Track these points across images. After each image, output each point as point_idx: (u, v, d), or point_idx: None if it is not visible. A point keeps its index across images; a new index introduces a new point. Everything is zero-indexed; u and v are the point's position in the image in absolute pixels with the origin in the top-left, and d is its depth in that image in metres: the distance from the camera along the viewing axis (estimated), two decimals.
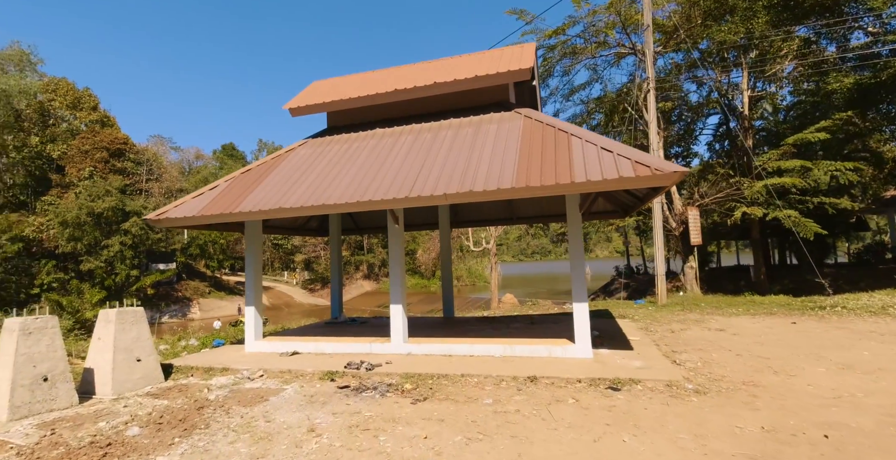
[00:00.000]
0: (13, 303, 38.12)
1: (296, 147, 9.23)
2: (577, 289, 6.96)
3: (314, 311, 49.40)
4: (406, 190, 6.63)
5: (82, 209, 38.79)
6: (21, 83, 42.10)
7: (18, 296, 38.69)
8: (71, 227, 39.15)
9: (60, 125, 48.43)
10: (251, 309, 8.67)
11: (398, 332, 7.73)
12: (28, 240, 40.31)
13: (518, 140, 7.18)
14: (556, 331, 8.43)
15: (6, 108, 42.23)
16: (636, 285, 32.65)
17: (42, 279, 39.95)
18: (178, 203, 8.22)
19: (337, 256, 11.93)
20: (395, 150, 7.94)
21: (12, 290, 38.26)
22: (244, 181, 8.36)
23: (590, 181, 5.76)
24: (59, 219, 38.91)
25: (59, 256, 41.60)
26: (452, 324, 9.96)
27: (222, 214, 7.45)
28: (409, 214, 12.55)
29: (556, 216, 11.80)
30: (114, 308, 7.08)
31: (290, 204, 7.10)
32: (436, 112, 8.91)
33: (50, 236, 40.16)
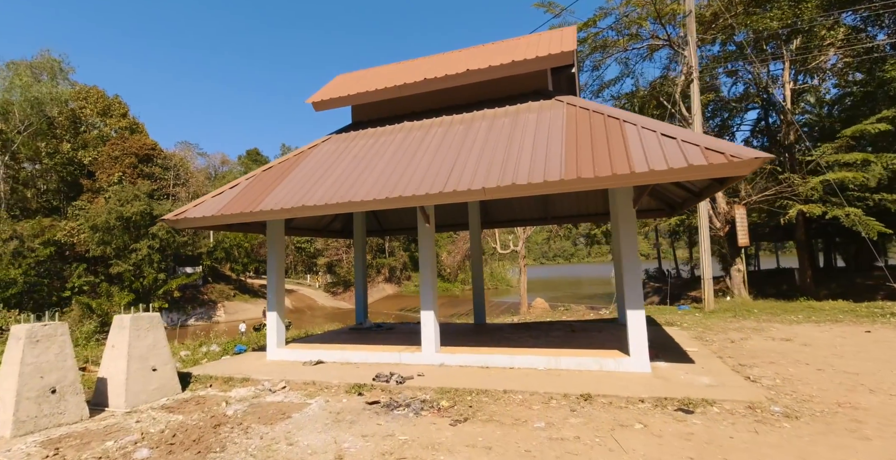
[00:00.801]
0: (45, 305, 39.06)
1: (319, 143, 8.71)
2: (632, 295, 6.20)
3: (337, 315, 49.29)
4: (440, 185, 6.00)
5: (111, 213, 39.48)
6: (53, 91, 43.23)
7: (51, 299, 39.59)
8: (101, 232, 39.89)
9: (91, 132, 49.65)
10: (273, 314, 8.15)
11: (430, 341, 7.09)
12: (60, 244, 41.25)
13: (563, 129, 6.48)
14: (602, 340, 7.66)
15: (39, 116, 43.47)
16: (669, 289, 31.33)
17: (73, 282, 40.80)
18: (197, 202, 7.78)
19: (361, 259, 11.39)
20: (426, 144, 7.33)
21: (45, 293, 39.13)
22: (265, 179, 7.86)
23: (653, 171, 5.02)
24: (90, 223, 39.69)
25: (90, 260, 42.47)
26: (485, 331, 9.27)
27: (242, 213, 6.95)
28: (437, 214, 11.90)
29: (594, 215, 11.01)
30: (129, 313, 6.64)
31: (313, 201, 6.55)
32: (468, 103, 8.27)
33: (80, 240, 41.02)
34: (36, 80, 43.71)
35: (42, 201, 47.74)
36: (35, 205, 46.25)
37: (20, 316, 35.65)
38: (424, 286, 7.23)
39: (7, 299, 36.42)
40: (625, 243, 6.28)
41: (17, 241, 38.27)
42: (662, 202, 10.01)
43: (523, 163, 5.88)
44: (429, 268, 7.24)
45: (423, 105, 8.55)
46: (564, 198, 10.69)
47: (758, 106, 24.55)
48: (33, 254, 38.54)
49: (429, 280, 7.23)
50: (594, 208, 10.83)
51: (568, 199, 10.72)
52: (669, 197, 9.06)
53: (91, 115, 49.95)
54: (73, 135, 48.16)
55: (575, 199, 10.67)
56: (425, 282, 7.23)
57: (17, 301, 37.00)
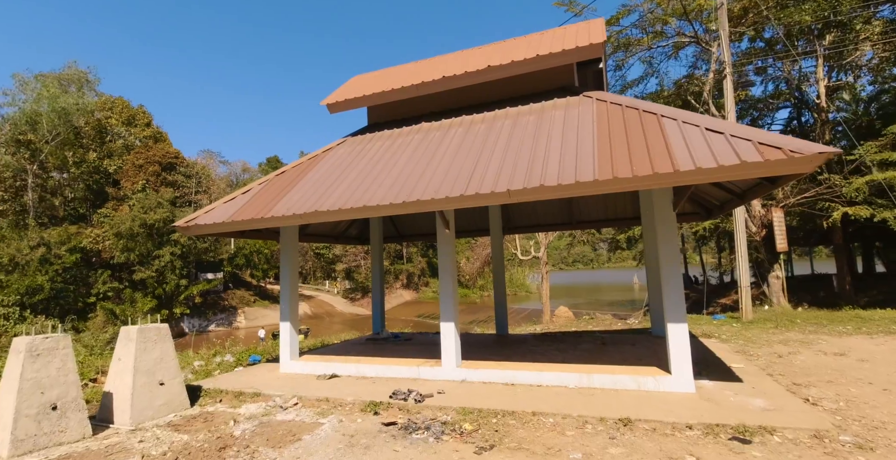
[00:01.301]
0: (71, 310, 39.84)
1: (333, 146, 8.38)
2: (673, 306, 5.64)
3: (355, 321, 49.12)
4: (460, 187, 5.57)
5: (135, 220, 40.14)
6: (79, 102, 44.33)
7: (76, 305, 40.34)
8: (125, 238, 40.58)
9: (116, 141, 50.80)
10: (286, 325, 7.80)
11: (450, 355, 6.62)
12: (86, 250, 42.08)
13: (593, 126, 5.98)
14: (637, 354, 7.08)
15: (66, 126, 44.61)
16: (696, 296, 30.19)
17: (98, 288, 41.54)
18: (209, 208, 7.50)
19: (378, 266, 11.00)
20: (445, 145, 6.92)
21: (71, 299, 39.87)
22: (278, 184, 7.55)
23: (700, 169, 4.50)
24: (114, 230, 40.41)
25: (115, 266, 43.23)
26: (508, 342, 8.76)
27: (253, 220, 6.63)
28: (457, 220, 11.49)
29: (622, 219, 10.41)
30: (146, 321, 6.36)
31: (326, 206, 6.18)
32: (489, 102, 7.84)
33: (105, 247, 41.78)
34: (64, 91, 44.90)
35: (69, 209, 48.92)
36: (62, 213, 47.39)
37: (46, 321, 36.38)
38: (444, 295, 6.78)
39: (34, 305, 37.18)
40: (664, 249, 5.74)
41: (45, 248, 39.13)
42: (698, 205, 9.38)
43: (551, 164, 5.41)
44: (449, 277, 6.79)
45: (442, 105, 8.15)
46: (591, 202, 10.14)
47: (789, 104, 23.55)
48: (60, 261, 39.34)
49: (449, 289, 6.78)
50: (622, 212, 10.25)
51: (595, 203, 10.17)
52: (707, 199, 8.45)
53: (116, 124, 51.14)
54: (99, 145, 49.35)
55: (602, 203, 10.11)
56: (445, 292, 6.78)
57: (44, 307, 37.75)
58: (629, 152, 5.14)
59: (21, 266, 37.14)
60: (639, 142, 5.29)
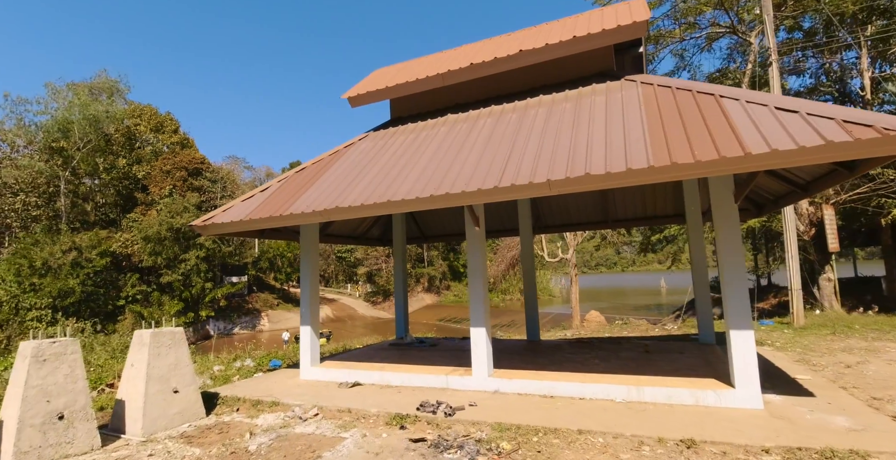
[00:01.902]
0: (101, 313, 40.69)
1: (355, 141, 7.98)
2: (736, 311, 5.00)
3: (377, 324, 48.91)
4: (493, 179, 5.05)
5: (162, 225, 40.81)
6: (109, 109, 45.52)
7: (106, 307, 41.20)
8: (152, 242, 41.30)
9: (145, 147, 51.99)
10: (307, 329, 7.39)
11: (482, 363, 6.09)
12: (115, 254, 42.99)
13: (641, 110, 5.40)
14: (689, 364, 6.42)
15: (97, 133, 45.82)
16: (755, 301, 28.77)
17: (127, 291, 42.36)
18: (226, 207, 7.17)
19: (401, 268, 10.56)
20: (474, 136, 6.42)
21: (101, 302, 40.72)
22: (297, 181, 7.17)
23: (776, 152, 3.88)
24: (142, 234, 41.18)
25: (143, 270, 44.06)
26: (541, 349, 8.17)
27: (271, 218, 6.24)
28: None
29: (662, 217, 9.71)
30: (170, 325, 6.04)
31: (348, 202, 5.74)
32: (520, 91, 7.32)
33: (134, 251, 42.62)
34: (95, 99, 46.18)
35: (100, 214, 50.18)
36: (93, 218, 48.62)
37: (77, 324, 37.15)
38: (475, 299, 6.26)
39: (66, 307, 38.08)
40: (725, 248, 5.10)
41: (76, 252, 40.11)
42: (748, 201, 8.64)
43: (596, 151, 4.85)
44: (479, 279, 6.27)
45: (469, 95, 7.66)
46: (628, 199, 9.48)
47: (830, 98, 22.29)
48: (90, 265, 40.24)
49: (480, 292, 6.25)
50: (661, 209, 9.56)
51: (632, 200, 9.50)
52: (760, 193, 7.72)
53: (145, 131, 52.32)
54: (128, 151, 50.52)
55: (640, 200, 9.44)
56: (475, 294, 6.26)
57: (75, 309, 38.62)
58: (687, 136, 4.55)
59: (54, 270, 38.12)
60: (697, 125, 4.69)
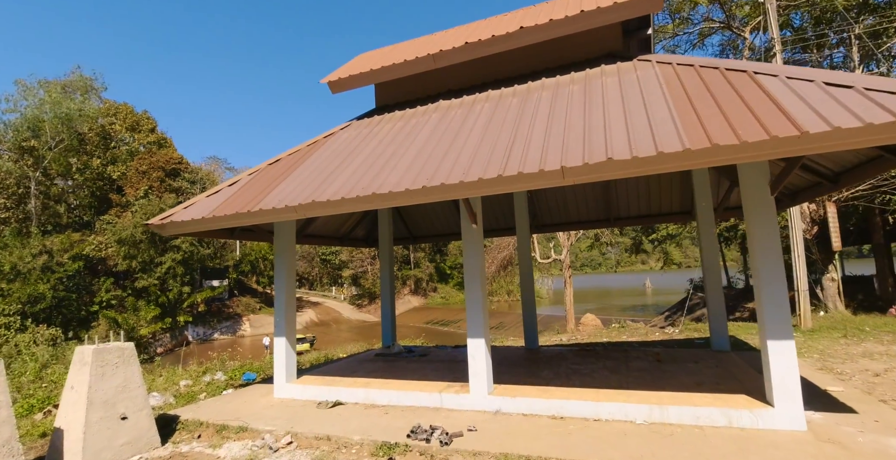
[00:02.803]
0: (74, 319, 38.98)
1: (336, 131, 7.20)
2: (775, 318, 4.35)
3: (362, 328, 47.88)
4: (496, 167, 4.33)
5: (137, 227, 39.29)
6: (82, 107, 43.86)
7: (79, 313, 39.48)
8: (127, 245, 39.75)
9: (121, 147, 50.22)
10: (281, 340, 6.57)
11: (481, 379, 5.36)
12: (90, 258, 41.32)
13: (663, 90, 4.74)
14: (709, 376, 5.77)
15: (70, 132, 44.05)
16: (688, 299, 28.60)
17: (101, 296, 40.71)
18: (189, 203, 6.33)
19: (388, 270, 9.78)
20: (470, 122, 5.70)
21: (73, 307, 38.99)
22: (271, 173, 6.36)
23: (839, 130, 3.23)
24: (116, 237, 39.61)
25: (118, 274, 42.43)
26: (542, 359, 7.48)
27: (239, 215, 5.43)
28: None
29: (668, 215, 9.10)
30: (93, 344, 5.16)
31: (327, 196, 4.97)
32: (519, 74, 6.62)
33: (108, 254, 41.00)
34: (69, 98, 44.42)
35: (73, 216, 48.25)
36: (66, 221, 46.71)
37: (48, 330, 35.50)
38: (473, 305, 5.53)
39: (36, 314, 36.33)
40: (761, 246, 4.45)
41: (47, 256, 38.39)
42: None
43: (616, 135, 4.16)
44: (477, 283, 5.54)
45: (464, 79, 6.94)
46: (632, 195, 8.85)
47: None
48: (62, 269, 38.54)
49: (478, 297, 5.52)
50: (667, 206, 8.95)
51: (636, 196, 8.87)
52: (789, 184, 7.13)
53: (120, 130, 50.55)
54: (103, 151, 48.71)
55: (645, 196, 8.82)
56: (474, 301, 5.53)
57: (46, 316, 36.89)
58: (725, 116, 3.88)
59: (23, 274, 36.35)
60: (734, 104, 4.04)
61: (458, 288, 67.66)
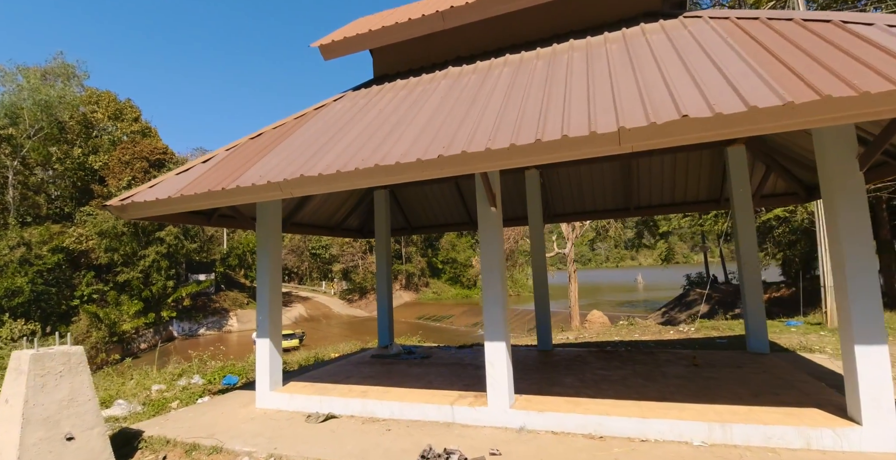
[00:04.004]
0: (54, 314, 37.61)
1: (328, 102, 6.29)
2: (863, 317, 3.58)
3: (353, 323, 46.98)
4: (529, 132, 3.48)
5: (119, 219, 37.94)
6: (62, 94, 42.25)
7: (59, 308, 38.11)
8: (108, 238, 38.40)
9: (103, 136, 48.49)
10: (265, 343, 5.69)
11: (501, 389, 4.54)
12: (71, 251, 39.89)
13: (729, 45, 3.92)
14: (764, 385, 5.01)
15: (50, 120, 42.38)
16: (720, 297, 28.22)
17: (82, 290, 39.38)
18: (154, 182, 5.40)
19: (384, 263, 8.92)
20: (488, 88, 4.83)
21: (53, 302, 37.62)
22: (252, 148, 5.45)
23: None
24: (97, 229, 38.22)
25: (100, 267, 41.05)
26: (560, 362, 6.68)
27: (211, 194, 4.52)
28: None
29: (694, 203, 8.31)
30: (31, 348, 4.25)
31: (318, 170, 4.09)
32: (541, 38, 5.76)
33: (89, 247, 39.57)
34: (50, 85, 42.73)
35: (54, 207, 46.56)
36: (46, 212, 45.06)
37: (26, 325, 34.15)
38: (491, 303, 4.69)
39: (13, 308, 34.95)
40: (847, 233, 3.66)
41: (25, 248, 36.93)
42: (796, 182, 7.34)
43: (684, 92, 3.33)
44: (497, 277, 4.70)
45: (476, 43, 6.06)
46: (655, 181, 8.06)
47: None
48: (41, 262, 37.11)
49: (497, 294, 4.69)
50: (693, 194, 8.17)
51: (660, 182, 8.08)
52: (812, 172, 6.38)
53: (102, 119, 48.79)
54: (84, 140, 47.02)
55: (671, 183, 8.04)
56: (492, 298, 4.69)
57: (24, 310, 35.53)
58: (826, 68, 3.07)
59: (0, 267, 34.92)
60: (832, 54, 3.23)
61: (450, 283, 66.93)
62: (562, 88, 4.12)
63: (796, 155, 6.63)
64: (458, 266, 67.48)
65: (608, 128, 3.16)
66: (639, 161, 7.79)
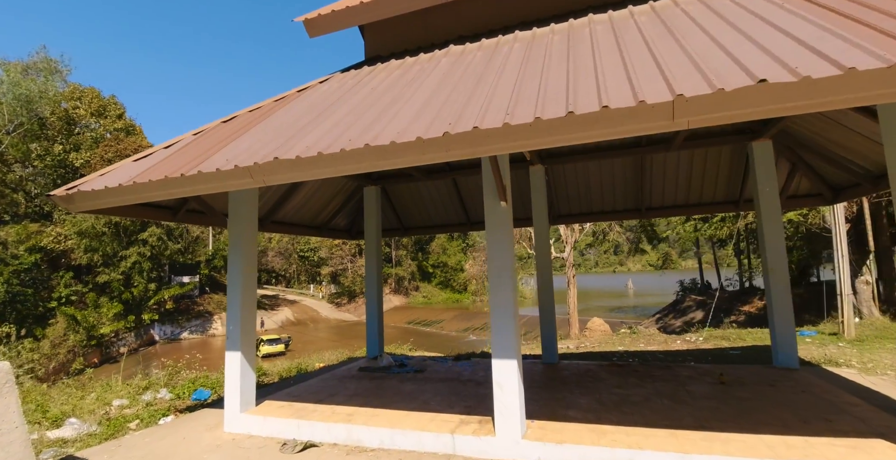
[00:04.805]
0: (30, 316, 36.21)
1: (313, 84, 5.59)
2: None
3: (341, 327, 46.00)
4: (557, 105, 2.82)
5: (99, 218, 36.69)
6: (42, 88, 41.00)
7: (36, 310, 36.72)
8: (88, 238, 37.15)
9: (85, 133, 47.12)
10: (235, 357, 4.95)
11: (511, 416, 3.85)
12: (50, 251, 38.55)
13: (785, 9, 3.30)
14: (808, 407, 4.38)
15: (30, 115, 41.04)
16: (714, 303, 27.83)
17: (60, 292, 38.06)
18: (107, 169, 4.65)
19: (375, 266, 8.20)
20: (497, 64, 4.17)
21: (29, 303, 36.23)
22: (223, 132, 4.73)
23: None
24: (76, 228, 36.97)
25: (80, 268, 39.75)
26: (569, 377, 6.01)
27: (169, 181, 3.79)
28: (479, 209, 8.77)
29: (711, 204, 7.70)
30: None
31: (296, 152, 3.38)
32: (552, 15, 5.13)
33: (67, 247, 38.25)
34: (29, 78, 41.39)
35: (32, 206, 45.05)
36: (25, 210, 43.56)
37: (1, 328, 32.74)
38: (500, 313, 4.01)
39: None
40: None
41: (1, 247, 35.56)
42: (822, 182, 6.79)
43: (752, 58, 2.69)
44: (507, 282, 4.03)
45: (479, 20, 5.41)
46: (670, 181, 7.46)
47: None
48: (17, 262, 35.72)
49: (508, 302, 4.01)
50: (710, 195, 7.57)
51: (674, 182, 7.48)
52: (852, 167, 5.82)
53: (85, 115, 47.41)
54: (65, 137, 45.64)
55: (686, 182, 7.44)
56: (501, 307, 4.01)
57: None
58: None
59: None
60: None
61: (441, 287, 66.14)
62: (588, 61, 3.47)
63: (827, 151, 6.08)
64: (448, 270, 66.71)
65: (660, 97, 2.51)
66: (653, 158, 7.20)
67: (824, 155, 6.17)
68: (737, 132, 6.37)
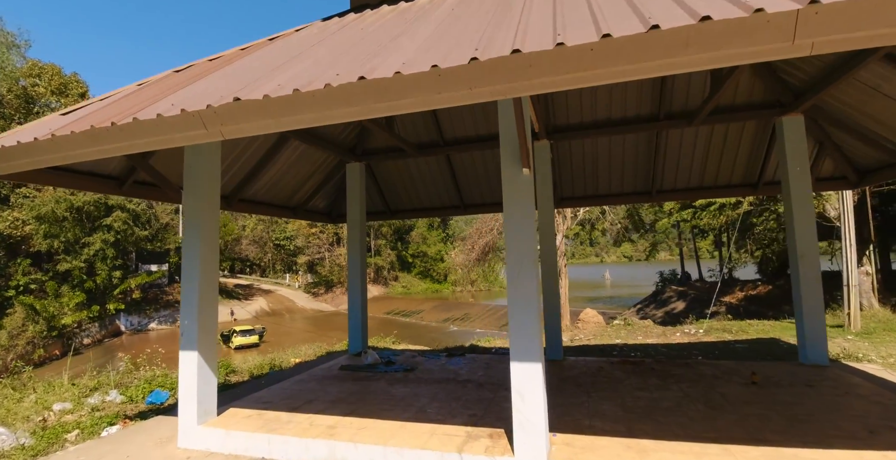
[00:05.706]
0: None
1: (288, 32, 4.68)
2: None
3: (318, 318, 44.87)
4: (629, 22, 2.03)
5: (60, 203, 34.61)
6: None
7: None
8: (47, 223, 34.99)
9: (45, 112, 44.34)
10: (191, 357, 4.09)
11: (535, 432, 3.14)
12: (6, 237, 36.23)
13: None
14: (864, 412, 3.80)
15: None
16: (696, 294, 27.88)
17: (17, 280, 35.92)
18: (29, 124, 3.69)
19: (358, 252, 7.39)
20: None
21: None
22: (174, 80, 3.81)
23: None
24: (35, 213, 34.76)
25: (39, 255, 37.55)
26: (581, 378, 5.35)
27: (96, 132, 2.90)
28: (475, 190, 8.01)
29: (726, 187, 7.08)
30: None
31: (265, 90, 2.52)
32: None
33: (25, 233, 36.00)
34: None
35: None
36: None
37: None
38: (520, 307, 3.27)
39: None
40: None
41: None
42: (847, 164, 6.25)
43: None
44: (529, 269, 3.29)
45: None
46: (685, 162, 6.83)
47: None
48: None
49: (530, 293, 3.27)
50: (726, 177, 6.97)
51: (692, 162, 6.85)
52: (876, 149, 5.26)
53: (45, 93, 44.57)
54: (23, 116, 42.79)
55: (701, 163, 6.82)
56: (522, 299, 3.27)
57: None
58: None
59: None
60: None
61: (420, 277, 65.43)
62: None
63: (862, 127, 5.50)
64: (428, 260, 65.98)
65: (780, 5, 1.77)
66: (668, 134, 6.54)
67: (859, 131, 5.60)
68: (765, 106, 5.74)
